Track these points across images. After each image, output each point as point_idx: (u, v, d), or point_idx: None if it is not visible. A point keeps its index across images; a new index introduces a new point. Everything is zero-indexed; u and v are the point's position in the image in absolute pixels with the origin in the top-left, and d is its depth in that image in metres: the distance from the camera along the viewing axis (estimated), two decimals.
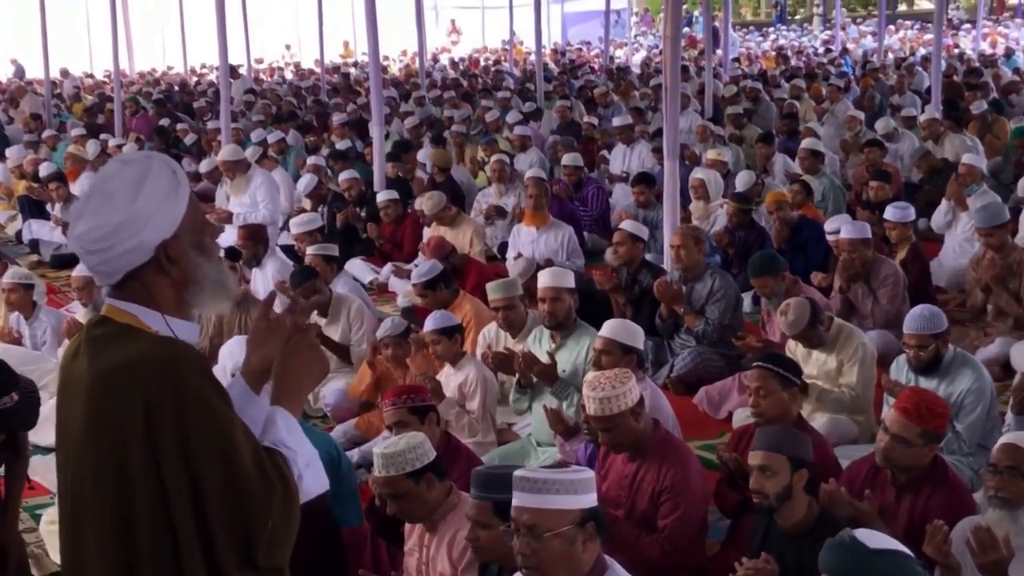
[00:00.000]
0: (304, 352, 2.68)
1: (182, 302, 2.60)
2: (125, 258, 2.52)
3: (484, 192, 12.43)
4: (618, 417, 4.78)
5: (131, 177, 2.52)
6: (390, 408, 5.37)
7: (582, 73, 25.86)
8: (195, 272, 2.58)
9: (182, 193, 2.57)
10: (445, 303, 7.70)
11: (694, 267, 7.89)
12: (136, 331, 2.52)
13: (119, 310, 2.55)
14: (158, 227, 2.52)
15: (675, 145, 8.97)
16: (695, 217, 10.48)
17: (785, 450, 4.39)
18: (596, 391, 4.80)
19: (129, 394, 2.43)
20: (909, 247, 8.61)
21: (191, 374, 2.46)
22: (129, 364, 2.45)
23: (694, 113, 16.63)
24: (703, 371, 7.63)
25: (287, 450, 2.56)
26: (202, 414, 2.44)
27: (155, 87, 28.24)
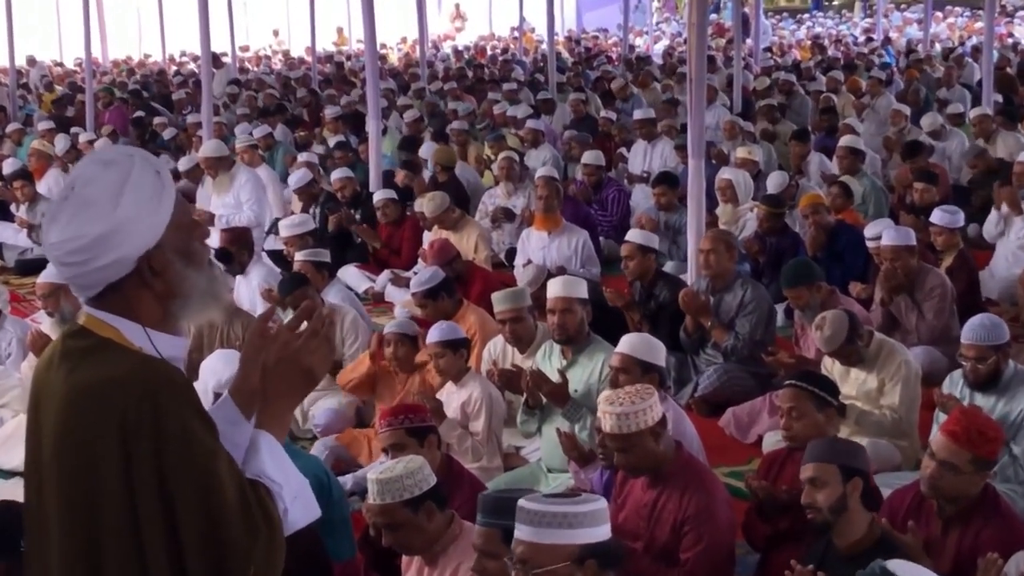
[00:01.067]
0: (295, 365, 2.63)
1: (167, 315, 2.59)
2: (104, 272, 2.51)
3: (490, 193, 12.44)
4: (636, 436, 4.78)
5: (111, 182, 2.50)
6: (386, 429, 5.37)
7: (598, 63, 25.86)
8: (181, 285, 2.57)
9: (167, 197, 2.55)
10: (447, 314, 7.70)
11: (724, 275, 7.88)
12: (118, 347, 2.51)
13: (99, 321, 2.54)
14: (140, 237, 2.50)
15: (700, 142, 8.96)
16: (722, 222, 10.48)
17: (835, 459, 4.41)
18: (614, 406, 4.80)
19: (105, 414, 2.43)
20: (956, 254, 8.60)
21: (173, 399, 2.45)
22: (107, 383, 2.45)
23: (721, 108, 16.62)
24: (730, 390, 7.62)
25: (272, 483, 2.54)
26: (183, 444, 2.43)
27: (130, 77, 28.31)
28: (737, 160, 11.96)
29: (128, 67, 31.93)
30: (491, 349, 7.40)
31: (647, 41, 35.23)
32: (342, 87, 22.55)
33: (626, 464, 4.89)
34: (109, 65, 31.41)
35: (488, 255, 10.62)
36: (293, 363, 2.61)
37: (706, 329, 7.87)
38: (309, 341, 2.62)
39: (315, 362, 2.63)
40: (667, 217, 10.69)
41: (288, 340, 2.62)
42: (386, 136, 15.11)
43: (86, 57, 19.04)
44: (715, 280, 7.92)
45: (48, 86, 25.09)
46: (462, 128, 15.43)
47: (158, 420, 2.42)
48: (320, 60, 28.39)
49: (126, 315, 2.53)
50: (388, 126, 16.52)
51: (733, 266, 8.02)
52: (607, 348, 6.38)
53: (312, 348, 2.62)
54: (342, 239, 11.49)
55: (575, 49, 32.38)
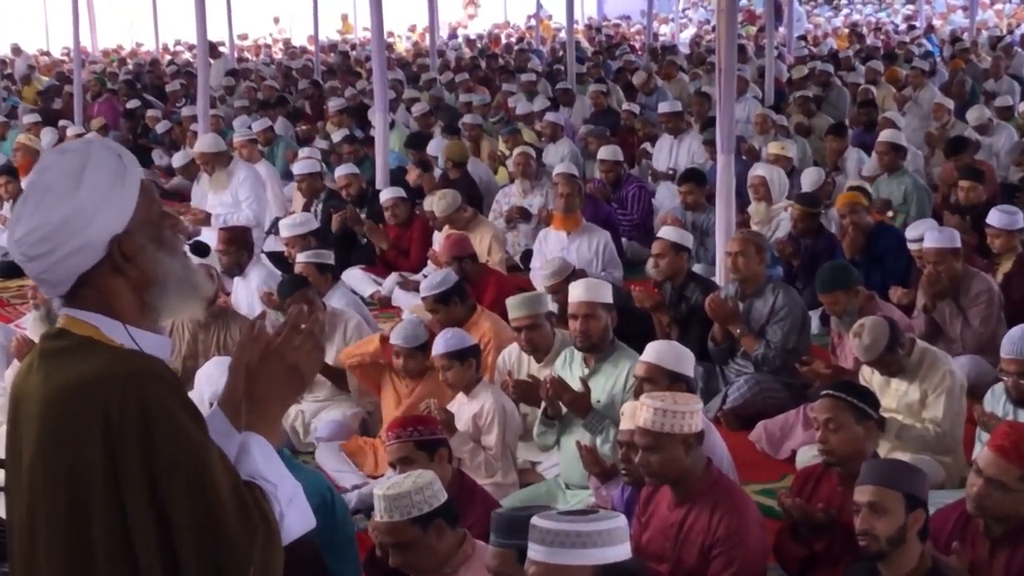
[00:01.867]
0: (283, 363, 2.65)
1: (145, 307, 2.61)
2: (73, 260, 2.53)
3: (505, 191, 12.45)
4: (668, 439, 4.79)
5: (69, 166, 2.55)
6: (394, 442, 5.38)
7: (620, 53, 25.87)
8: (155, 269, 2.60)
9: (131, 180, 2.59)
10: (460, 320, 7.70)
11: (754, 280, 7.88)
12: (97, 344, 2.54)
13: (77, 321, 2.57)
14: (106, 221, 2.54)
15: (730, 137, 8.96)
16: (754, 222, 10.47)
17: (900, 485, 4.36)
18: (655, 400, 4.82)
19: (87, 413, 2.44)
20: (1015, 259, 8.56)
21: (159, 392, 2.46)
22: (88, 381, 2.46)
23: (753, 100, 16.61)
24: (762, 403, 7.61)
25: (266, 483, 2.55)
26: (171, 439, 2.44)
27: (121, 67, 28.40)
28: (770, 156, 11.95)
29: (119, 56, 32.06)
30: (506, 358, 7.40)
31: (672, 29, 35.24)
32: (347, 78, 22.60)
33: (649, 468, 4.89)
34: (99, 54, 31.53)
35: (502, 257, 10.64)
36: (277, 361, 2.63)
37: (735, 337, 7.86)
38: (291, 336, 2.64)
39: (300, 358, 2.65)
40: (694, 217, 10.69)
41: (270, 338, 2.65)
42: (393, 130, 15.13)
43: (74, 45, 19.12)
44: (744, 285, 7.91)
45: (25, 78, 25.12)
46: (475, 122, 15.44)
47: (144, 416, 2.43)
48: (323, 49, 28.46)
49: (104, 312, 2.56)
50: (395, 120, 16.55)
51: (763, 270, 8.01)
52: (632, 356, 6.38)
53: (295, 344, 2.64)
54: (346, 240, 11.50)
55: (595, 38, 32.41)
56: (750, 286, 7.90)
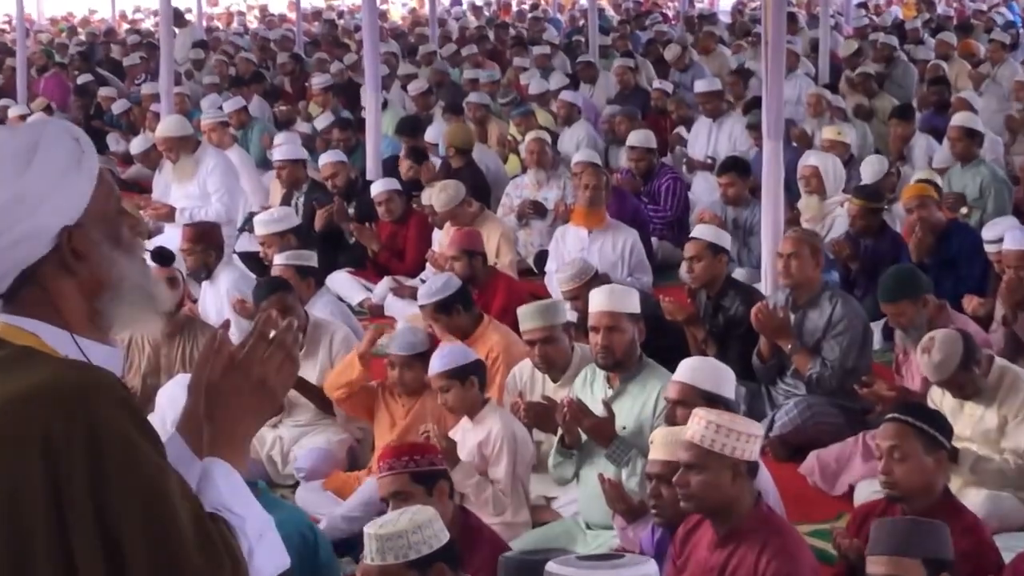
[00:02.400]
0: (248, 379, 2.63)
1: (95, 315, 2.60)
2: (16, 250, 2.53)
3: (516, 182, 12.46)
4: (716, 460, 4.79)
5: (18, 145, 2.56)
6: (387, 474, 5.39)
7: (651, 22, 25.92)
8: (109, 271, 2.59)
9: (87, 167, 2.59)
10: (464, 331, 7.71)
11: (808, 286, 7.87)
12: (38, 355, 2.52)
13: (14, 328, 2.55)
14: (56, 209, 2.54)
15: (778, 121, 8.96)
16: (805, 218, 10.47)
17: (916, 550, 4.38)
18: (711, 413, 4.83)
19: (23, 436, 2.41)
20: None
21: (109, 409, 2.43)
22: (24, 396, 2.43)
23: (804, 77, 16.62)
24: (815, 430, 7.59)
25: (231, 515, 2.54)
26: (124, 464, 2.41)
27: (72, 37, 28.48)
28: (824, 143, 11.95)
29: (69, 25, 32.12)
30: (516, 377, 7.40)
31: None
32: (333, 51, 22.65)
33: (687, 490, 4.88)
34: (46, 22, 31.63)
35: (513, 259, 10.63)
36: (241, 376, 2.63)
37: (785, 354, 7.85)
38: (258, 347, 2.63)
39: (268, 372, 2.64)
40: (736, 213, 10.69)
41: (234, 350, 2.64)
42: (387, 111, 15.15)
43: (17, 12, 19.17)
44: (797, 292, 7.90)
45: None
46: (481, 101, 15.44)
47: (92, 436, 2.39)
48: (306, 17, 28.55)
49: (47, 318, 2.55)
50: (389, 99, 16.57)
51: (819, 275, 8.00)
52: (663, 375, 6.37)
53: (262, 356, 2.63)
54: (332, 239, 11.52)
55: (622, 5, 32.42)
56: (803, 294, 7.89)
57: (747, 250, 10.45)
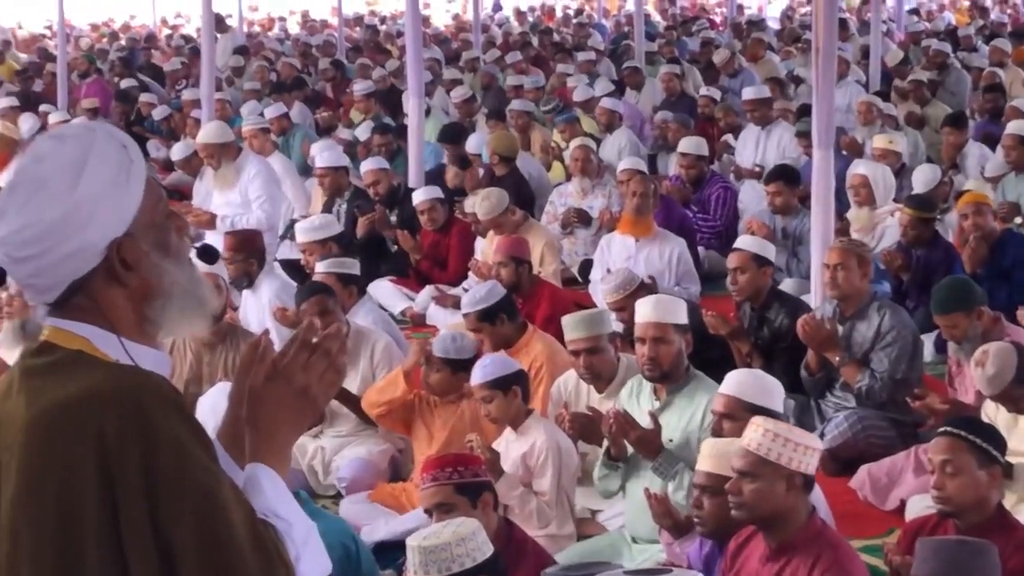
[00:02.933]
0: (291, 386, 2.64)
1: (144, 321, 2.62)
2: (66, 265, 2.55)
3: (560, 190, 12.46)
4: (771, 469, 4.77)
5: (68, 157, 2.56)
6: (430, 485, 5.39)
7: (698, 28, 25.89)
8: (159, 279, 2.61)
9: (136, 175, 2.60)
10: (508, 341, 7.71)
11: (856, 298, 7.84)
12: (89, 359, 2.54)
13: (65, 332, 2.58)
14: (106, 221, 2.55)
15: (828, 128, 8.93)
16: (855, 228, 10.43)
17: (962, 572, 4.35)
18: (768, 422, 4.81)
19: (79, 434, 2.44)
20: None
21: (163, 412, 2.46)
22: (78, 399, 2.46)
23: (855, 85, 16.58)
24: (865, 443, 7.57)
25: (279, 521, 2.55)
26: (178, 467, 2.43)
27: (113, 43, 28.65)
28: (875, 151, 11.90)
29: (110, 30, 32.30)
30: (561, 387, 7.39)
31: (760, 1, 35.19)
32: (375, 56, 22.73)
33: (739, 498, 4.86)
34: (86, 28, 31.81)
35: (557, 268, 10.64)
36: (283, 383, 2.64)
37: (833, 366, 7.82)
38: (300, 354, 2.65)
39: (311, 380, 2.65)
40: (784, 222, 10.65)
41: (276, 357, 2.65)
42: (429, 118, 15.17)
43: (59, 18, 19.27)
44: (845, 304, 7.87)
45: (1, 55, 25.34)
46: (524, 108, 15.43)
47: (145, 438, 2.43)
48: (348, 23, 28.61)
49: (97, 323, 2.57)
50: (432, 106, 16.60)
51: (867, 286, 7.96)
52: (711, 387, 6.35)
53: (306, 363, 2.65)
54: (374, 247, 11.54)
55: (668, 10, 32.42)
56: (851, 305, 7.85)
57: (796, 260, 10.41)
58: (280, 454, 2.66)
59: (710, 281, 10.89)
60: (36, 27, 32.09)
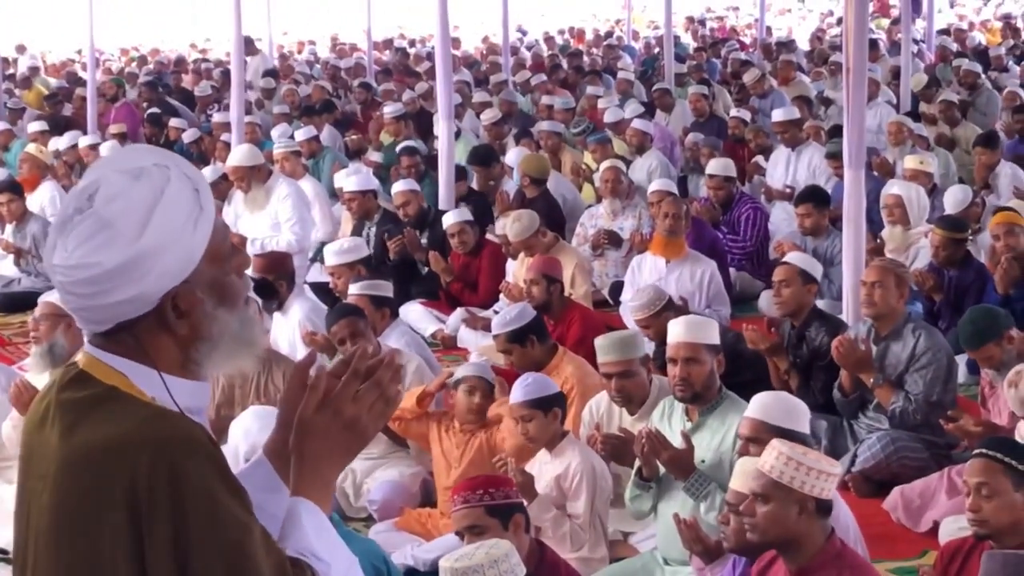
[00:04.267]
0: (341, 418, 2.63)
1: (188, 362, 2.61)
2: (117, 309, 2.52)
3: (591, 211, 12.47)
4: (784, 492, 4.75)
5: (140, 200, 2.50)
6: (461, 507, 5.39)
7: (728, 49, 25.89)
8: (210, 328, 2.59)
9: (204, 223, 2.55)
10: (538, 363, 7.72)
11: (891, 318, 7.82)
12: (123, 397, 2.52)
13: (103, 365, 2.56)
14: (167, 271, 2.51)
15: (860, 149, 8.93)
16: (889, 249, 10.42)
17: None
18: (787, 446, 4.80)
19: (110, 480, 2.44)
20: None
21: (195, 462, 2.45)
22: (111, 445, 2.45)
23: (886, 105, 16.55)
24: (898, 465, 7.55)
25: (318, 563, 2.55)
26: (208, 518, 2.43)
27: (142, 67, 28.77)
28: (906, 172, 11.88)
29: (139, 55, 32.43)
30: (593, 409, 7.39)
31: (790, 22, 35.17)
32: (405, 79, 22.75)
33: (752, 519, 4.85)
34: (115, 53, 31.93)
35: (588, 290, 10.64)
36: (332, 413, 2.62)
37: (867, 387, 7.81)
38: (350, 385, 2.62)
39: (361, 411, 2.62)
40: (815, 244, 10.64)
41: (329, 386, 2.63)
42: (459, 140, 15.20)
43: (88, 41, 19.34)
44: (879, 324, 7.86)
45: (26, 80, 25.43)
46: (553, 129, 15.43)
47: (176, 488, 2.42)
48: (377, 46, 28.68)
49: (137, 358, 2.55)
50: (462, 128, 16.63)
51: (903, 306, 7.95)
52: (743, 408, 6.30)
53: (355, 395, 2.62)
54: (404, 270, 11.56)
55: (698, 32, 32.43)
56: (886, 325, 7.84)
57: (827, 281, 10.38)
58: (325, 486, 2.64)
59: (741, 303, 10.90)
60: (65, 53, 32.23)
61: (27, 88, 24.75)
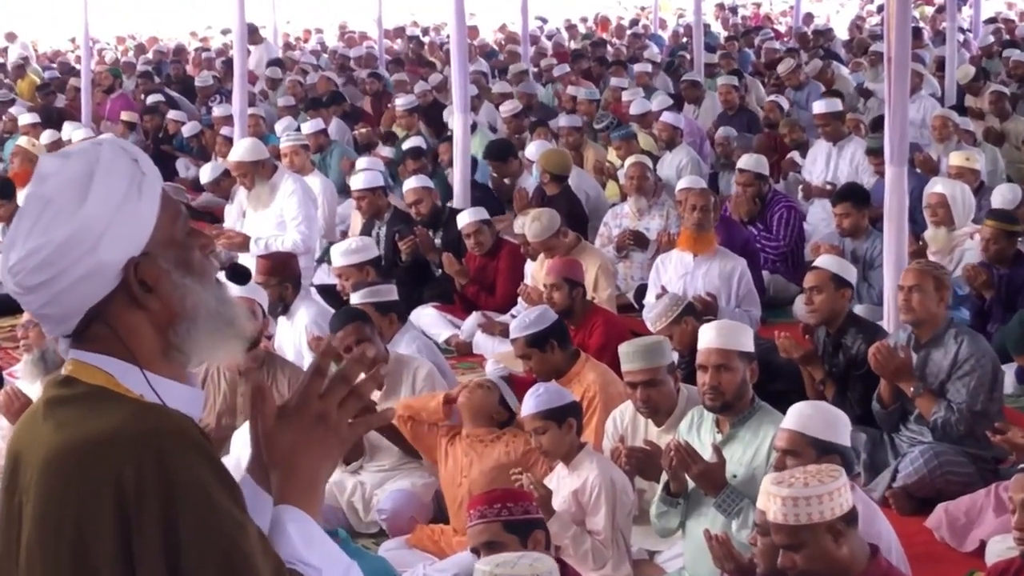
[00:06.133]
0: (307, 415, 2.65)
1: (169, 348, 2.61)
2: (79, 289, 2.54)
3: (615, 210, 12.45)
4: (809, 532, 4.75)
5: (73, 173, 2.56)
6: (477, 522, 5.39)
7: (762, 38, 25.87)
8: (182, 301, 2.60)
9: (149, 189, 2.60)
10: (558, 370, 7.72)
11: (931, 323, 7.80)
12: (110, 395, 2.54)
13: (87, 366, 2.58)
14: (120, 240, 2.54)
15: (902, 145, 8.92)
16: (932, 251, 10.40)
17: None
18: (783, 487, 4.78)
19: (94, 487, 2.44)
20: None
21: (185, 456, 2.45)
22: (96, 444, 2.46)
23: (930, 99, 16.52)
24: (942, 480, 7.53)
25: (308, 568, 2.55)
26: (200, 514, 2.43)
27: (140, 56, 28.82)
28: (951, 169, 11.86)
29: (136, 43, 32.49)
30: (616, 420, 7.38)
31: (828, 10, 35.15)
32: (417, 69, 22.76)
33: (794, 570, 4.86)
34: (112, 40, 31.98)
35: (612, 294, 10.62)
36: (297, 415, 2.65)
37: (908, 397, 7.79)
38: (313, 382, 2.67)
39: (328, 407, 2.65)
40: (854, 245, 10.61)
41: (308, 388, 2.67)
42: (475, 134, 15.18)
43: (83, 31, 19.39)
44: (919, 330, 7.84)
45: (18, 69, 25.47)
46: (572, 124, 15.41)
47: (165, 484, 2.42)
48: (388, 34, 28.68)
49: (119, 354, 2.56)
50: (477, 121, 16.62)
51: (944, 311, 7.92)
52: (777, 420, 6.30)
53: (323, 391, 2.66)
54: (417, 271, 11.56)
55: (730, 20, 32.41)
56: (926, 332, 7.82)
57: (867, 285, 10.37)
58: (308, 490, 2.65)
59: (774, 308, 10.86)
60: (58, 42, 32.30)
61: (20, 78, 24.79)
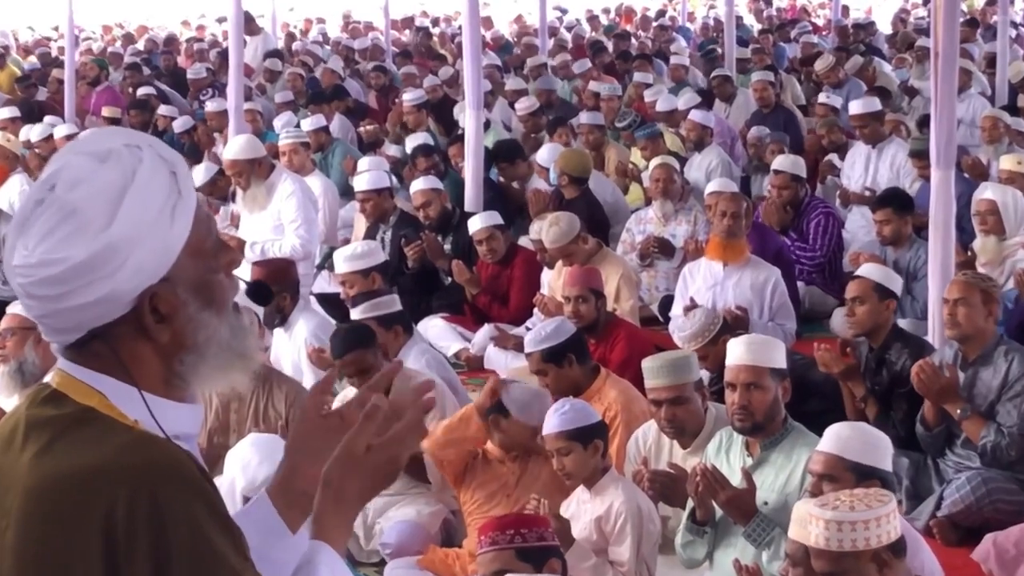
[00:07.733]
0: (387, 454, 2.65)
1: (172, 376, 2.59)
2: (86, 312, 2.50)
3: (639, 215, 12.45)
4: (853, 559, 4.75)
5: (107, 184, 2.48)
6: (489, 549, 5.40)
7: (799, 32, 25.87)
8: (194, 334, 2.57)
9: (184, 209, 2.54)
10: (576, 386, 7.71)
11: (979, 340, 7.80)
12: (101, 419, 2.50)
13: (78, 383, 2.54)
14: (142, 269, 2.48)
15: (949, 147, 8.91)
16: (981, 262, 10.39)
17: None
18: (827, 508, 4.78)
19: (82, 523, 2.42)
20: None
21: (181, 498, 2.44)
22: (85, 474, 2.43)
23: (979, 97, 16.51)
24: (990, 509, 7.52)
25: None
26: (193, 559, 2.42)
27: (128, 46, 28.86)
28: (1002, 173, 11.84)
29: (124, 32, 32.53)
30: (639, 441, 7.38)
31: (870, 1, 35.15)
32: (427, 63, 22.78)
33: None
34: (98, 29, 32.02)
35: (635, 305, 10.60)
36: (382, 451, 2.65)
37: (954, 420, 7.79)
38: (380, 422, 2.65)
39: (401, 451, 2.67)
40: (896, 255, 10.61)
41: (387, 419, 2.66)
42: (488, 132, 15.19)
43: (68, 18, 19.40)
44: (966, 347, 7.83)
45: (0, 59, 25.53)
46: (594, 122, 15.40)
47: (158, 523, 2.40)
48: (396, 25, 28.74)
49: (116, 374, 2.53)
50: (491, 119, 16.63)
51: (993, 327, 7.91)
52: (812, 442, 6.32)
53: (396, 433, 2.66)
54: (424, 279, 11.56)
55: (764, 12, 32.41)
56: (974, 349, 7.81)
57: (911, 298, 10.35)
58: (348, 528, 2.68)
59: (810, 322, 10.87)
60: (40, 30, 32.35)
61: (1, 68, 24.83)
